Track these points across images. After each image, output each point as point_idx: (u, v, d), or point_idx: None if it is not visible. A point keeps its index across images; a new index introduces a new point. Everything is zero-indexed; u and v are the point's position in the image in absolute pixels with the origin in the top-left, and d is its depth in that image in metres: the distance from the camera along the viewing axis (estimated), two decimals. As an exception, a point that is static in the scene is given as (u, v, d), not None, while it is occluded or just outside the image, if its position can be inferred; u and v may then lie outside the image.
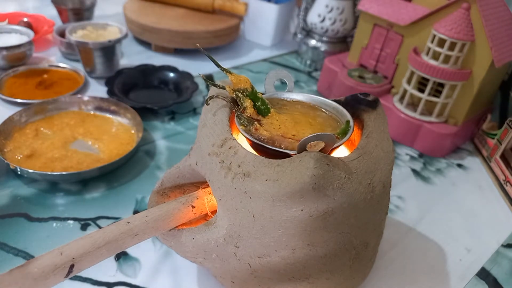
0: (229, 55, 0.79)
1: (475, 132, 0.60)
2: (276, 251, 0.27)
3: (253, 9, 0.82)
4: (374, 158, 0.28)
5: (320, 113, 0.33)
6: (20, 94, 0.57)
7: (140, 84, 0.62)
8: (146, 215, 0.28)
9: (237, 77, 0.31)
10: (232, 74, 0.31)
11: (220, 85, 0.31)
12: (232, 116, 0.31)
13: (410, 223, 0.45)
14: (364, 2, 0.60)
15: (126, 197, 0.43)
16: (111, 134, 0.50)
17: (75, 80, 0.62)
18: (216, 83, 0.31)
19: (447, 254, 0.41)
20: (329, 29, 0.74)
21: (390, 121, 0.55)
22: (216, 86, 0.31)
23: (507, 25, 0.51)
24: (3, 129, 0.46)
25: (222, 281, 0.33)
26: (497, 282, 0.39)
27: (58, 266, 0.24)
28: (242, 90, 0.31)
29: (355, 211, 0.27)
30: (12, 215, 0.40)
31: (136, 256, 0.37)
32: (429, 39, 0.52)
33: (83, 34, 0.64)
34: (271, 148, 0.27)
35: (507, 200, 0.50)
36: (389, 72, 0.61)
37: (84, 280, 0.34)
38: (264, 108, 0.31)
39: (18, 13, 0.77)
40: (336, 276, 0.30)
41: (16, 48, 0.62)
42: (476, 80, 0.51)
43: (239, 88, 0.31)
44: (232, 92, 0.31)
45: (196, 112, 0.60)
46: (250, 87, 0.31)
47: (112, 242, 0.26)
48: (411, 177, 0.52)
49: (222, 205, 0.28)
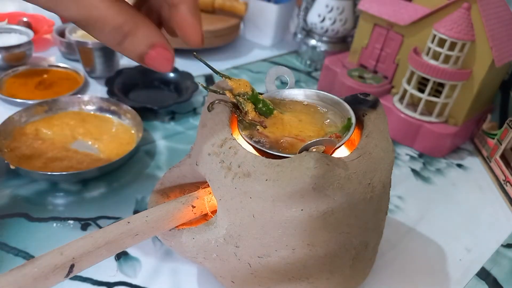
0: (229, 55, 0.79)
1: (475, 132, 0.60)
2: (276, 251, 0.27)
3: (253, 9, 0.82)
4: (374, 158, 0.28)
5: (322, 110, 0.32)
6: (20, 94, 0.57)
7: (140, 84, 0.62)
8: (146, 215, 0.28)
9: (236, 82, 0.31)
10: (231, 79, 0.31)
11: (220, 91, 0.31)
12: (232, 116, 0.31)
13: (410, 223, 0.45)
14: (364, 2, 0.60)
15: (126, 197, 0.43)
16: (111, 134, 0.50)
17: (75, 80, 0.62)
18: (215, 89, 0.31)
19: (447, 254, 0.41)
20: (329, 29, 0.74)
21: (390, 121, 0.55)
22: (216, 92, 0.31)
23: (507, 25, 0.51)
24: (3, 129, 0.46)
25: (222, 281, 0.33)
26: (497, 282, 0.39)
27: (58, 266, 0.24)
28: (243, 94, 0.31)
29: (355, 211, 0.27)
30: (12, 215, 0.40)
31: (136, 256, 0.37)
32: (429, 39, 0.52)
33: (83, 34, 0.64)
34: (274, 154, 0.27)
35: (507, 200, 0.50)
36: (389, 72, 0.61)
37: (84, 280, 0.34)
38: (266, 110, 0.31)
39: (18, 13, 0.77)
40: (336, 276, 0.30)
41: (15, 48, 0.62)
42: (476, 80, 0.51)
43: (239, 92, 0.31)
44: (233, 97, 0.31)
45: (196, 112, 0.60)
46: (251, 90, 0.31)
47: (112, 242, 0.26)
48: (411, 177, 0.52)
49: (222, 205, 0.28)
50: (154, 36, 0.23)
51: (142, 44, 0.23)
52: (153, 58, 0.23)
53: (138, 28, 0.23)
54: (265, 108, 0.31)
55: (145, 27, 0.23)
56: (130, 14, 0.22)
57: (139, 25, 0.23)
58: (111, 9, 0.22)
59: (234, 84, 0.31)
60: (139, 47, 0.23)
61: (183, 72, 0.64)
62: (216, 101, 0.31)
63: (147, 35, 0.23)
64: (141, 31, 0.23)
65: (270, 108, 0.31)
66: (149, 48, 0.23)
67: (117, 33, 0.22)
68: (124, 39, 0.23)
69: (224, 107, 0.30)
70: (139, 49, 0.23)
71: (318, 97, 0.33)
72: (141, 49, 0.23)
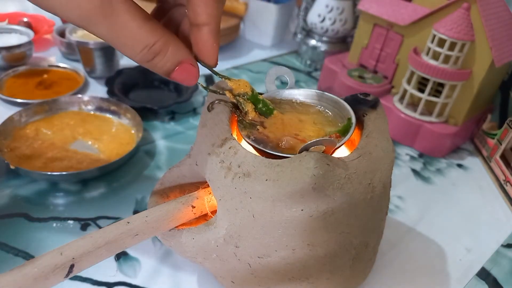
0: (229, 55, 0.79)
1: (475, 132, 0.60)
2: (276, 251, 0.27)
3: (253, 9, 0.82)
4: (374, 158, 0.28)
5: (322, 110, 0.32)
6: (20, 94, 0.57)
7: (140, 84, 0.62)
8: (146, 215, 0.28)
9: (236, 82, 0.30)
10: (231, 80, 0.30)
11: (220, 92, 0.31)
12: (232, 116, 0.31)
13: (410, 223, 0.45)
14: (364, 2, 0.60)
15: (126, 197, 0.43)
16: (111, 134, 0.50)
17: (75, 80, 0.62)
18: (215, 89, 0.31)
19: (447, 254, 0.41)
20: (329, 29, 0.74)
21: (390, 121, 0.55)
22: (216, 92, 0.31)
23: (507, 25, 0.51)
24: (3, 129, 0.46)
25: (222, 281, 0.33)
26: (497, 282, 0.39)
27: (58, 266, 0.24)
28: (243, 95, 0.31)
29: (355, 211, 0.27)
30: (12, 215, 0.40)
31: (136, 256, 0.37)
32: (429, 39, 0.52)
33: (83, 34, 0.64)
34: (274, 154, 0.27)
35: (507, 200, 0.50)
36: (389, 72, 0.61)
37: (84, 280, 0.34)
38: (266, 110, 0.31)
39: (18, 13, 0.77)
40: (336, 276, 0.30)
41: (16, 48, 0.62)
42: (476, 80, 0.51)
43: (239, 92, 0.31)
44: (233, 97, 0.31)
45: (196, 112, 0.60)
46: (250, 90, 0.31)
47: (112, 242, 0.26)
48: (411, 177, 0.52)
49: (222, 205, 0.28)
50: (183, 54, 0.24)
51: (171, 61, 0.24)
52: (180, 74, 0.25)
53: (168, 46, 0.23)
54: (265, 108, 0.31)
55: (174, 45, 0.24)
56: (161, 33, 0.23)
57: (169, 43, 0.23)
58: (142, 29, 0.22)
59: (234, 85, 0.30)
60: (167, 64, 0.24)
61: (183, 72, 0.64)
62: (216, 101, 0.31)
63: (175, 53, 0.24)
64: (171, 50, 0.24)
65: (270, 108, 0.31)
66: (177, 65, 0.24)
67: (148, 52, 0.23)
68: (154, 57, 0.23)
69: (224, 107, 0.30)
70: (167, 66, 0.24)
71: (318, 97, 0.33)
72: (168, 66, 0.24)
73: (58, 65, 0.64)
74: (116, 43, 0.22)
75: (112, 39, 0.22)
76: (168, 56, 0.24)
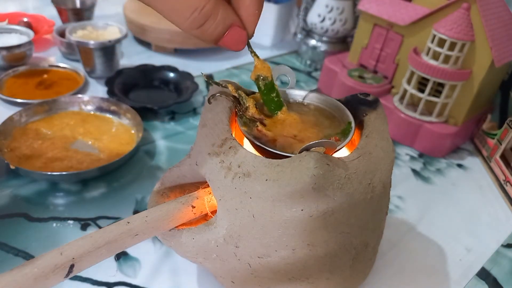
0: (229, 55, 0.79)
1: (475, 132, 0.60)
2: (276, 251, 0.27)
3: (253, 9, 0.82)
4: (374, 158, 0.28)
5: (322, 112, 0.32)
6: (20, 94, 0.57)
7: (140, 84, 0.63)
8: (146, 215, 0.28)
9: (262, 63, 0.30)
10: (259, 59, 0.30)
11: (222, 84, 0.31)
12: (232, 116, 0.31)
13: (410, 223, 0.45)
14: (364, 2, 0.60)
15: (126, 197, 0.43)
16: (111, 134, 0.50)
17: (75, 80, 0.62)
18: (218, 82, 0.31)
19: (447, 254, 0.41)
20: (329, 29, 0.74)
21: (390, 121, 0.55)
22: (219, 85, 0.31)
23: (507, 25, 0.51)
24: (3, 129, 0.46)
25: (222, 281, 0.33)
26: (497, 282, 0.39)
27: (58, 266, 0.24)
28: (263, 78, 0.30)
29: (355, 211, 0.27)
30: (12, 215, 0.40)
31: (136, 256, 0.37)
32: (429, 39, 0.52)
33: (83, 34, 0.64)
34: (273, 151, 0.27)
35: (507, 200, 0.50)
36: (389, 72, 0.61)
37: (84, 280, 0.34)
38: (277, 101, 0.31)
39: (18, 13, 0.77)
40: (336, 276, 0.30)
41: (16, 48, 0.62)
42: (476, 80, 0.51)
43: (259, 74, 0.30)
44: (235, 91, 0.31)
45: (196, 112, 0.60)
46: (271, 76, 0.30)
47: (112, 242, 0.26)
48: (411, 177, 0.52)
49: (222, 205, 0.28)
50: (233, 17, 0.23)
51: (221, 25, 0.23)
52: (230, 39, 0.24)
53: (218, 9, 0.22)
54: (277, 99, 0.31)
55: (223, 8, 0.23)
56: None
57: (219, 6, 0.22)
58: None
59: (260, 65, 0.30)
60: (218, 28, 0.23)
61: (183, 72, 0.64)
62: (218, 94, 0.31)
63: (226, 16, 0.23)
64: (221, 12, 0.23)
65: (281, 100, 0.31)
66: (227, 28, 0.23)
67: (198, 15, 0.22)
68: (205, 21, 0.22)
69: (225, 106, 0.30)
70: (218, 31, 0.23)
71: (318, 99, 0.33)
72: (219, 31, 0.23)
73: (58, 65, 0.64)
74: (164, 8, 0.22)
75: (161, 4, 0.22)
76: (219, 20, 0.23)
